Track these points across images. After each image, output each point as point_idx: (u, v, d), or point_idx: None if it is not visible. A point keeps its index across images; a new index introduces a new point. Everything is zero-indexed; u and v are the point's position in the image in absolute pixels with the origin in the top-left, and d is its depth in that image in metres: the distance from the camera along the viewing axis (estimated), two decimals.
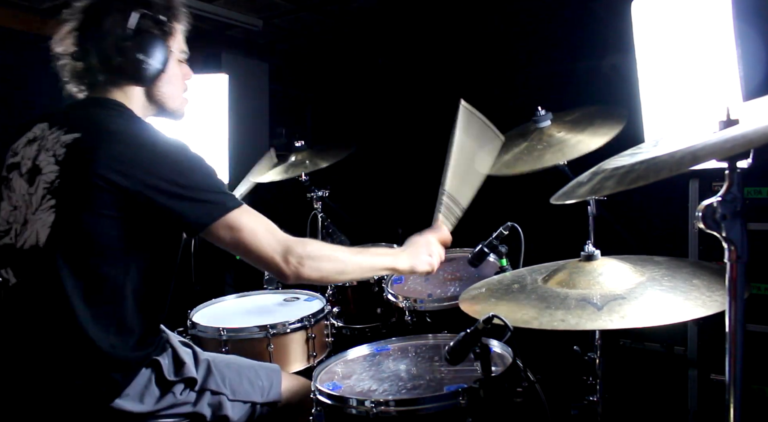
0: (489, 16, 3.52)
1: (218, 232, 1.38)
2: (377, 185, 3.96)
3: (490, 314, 1.23)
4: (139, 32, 1.44)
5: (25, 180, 1.40)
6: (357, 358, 1.78)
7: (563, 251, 1.61)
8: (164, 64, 1.49)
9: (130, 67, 1.45)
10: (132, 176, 1.31)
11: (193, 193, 1.35)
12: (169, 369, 1.49)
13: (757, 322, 2.14)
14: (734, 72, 1.79)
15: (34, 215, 1.36)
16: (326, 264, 1.48)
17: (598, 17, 2.98)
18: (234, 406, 1.60)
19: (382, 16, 3.95)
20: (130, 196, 1.31)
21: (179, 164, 1.36)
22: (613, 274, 1.29)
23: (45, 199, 1.36)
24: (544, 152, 1.96)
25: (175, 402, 1.49)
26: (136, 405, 1.41)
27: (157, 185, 1.31)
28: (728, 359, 0.92)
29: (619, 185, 0.96)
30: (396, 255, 1.63)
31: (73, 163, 1.35)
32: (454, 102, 1.72)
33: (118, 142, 1.34)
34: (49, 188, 1.36)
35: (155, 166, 1.33)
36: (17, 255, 1.37)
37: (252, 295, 2.53)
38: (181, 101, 1.60)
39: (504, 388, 1.42)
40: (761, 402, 2.14)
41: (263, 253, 1.41)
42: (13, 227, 1.39)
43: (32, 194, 1.37)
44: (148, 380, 1.44)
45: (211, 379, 1.57)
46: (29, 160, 1.41)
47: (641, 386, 2.56)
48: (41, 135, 1.43)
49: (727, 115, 0.96)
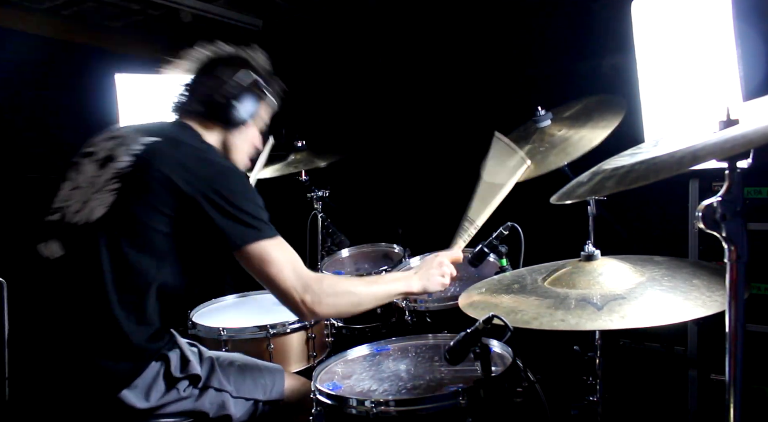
0: (489, 16, 3.52)
1: (248, 256, 1.49)
2: (377, 185, 3.95)
3: (490, 314, 1.23)
4: (240, 86, 1.69)
5: (96, 165, 1.55)
6: (357, 358, 1.78)
7: (563, 251, 1.61)
8: (248, 118, 1.72)
9: (222, 108, 1.67)
10: (192, 183, 1.46)
11: (237, 213, 1.47)
12: (176, 365, 1.54)
13: (757, 322, 2.14)
14: (734, 72, 1.79)
15: (95, 195, 1.50)
16: (342, 300, 1.57)
17: (598, 17, 2.97)
18: (237, 403, 1.62)
19: (382, 16, 3.95)
20: (186, 200, 1.45)
21: (234, 186, 1.50)
22: (613, 274, 1.29)
23: (111, 181, 1.50)
24: (547, 154, 1.96)
25: (178, 397, 1.53)
26: (141, 401, 1.46)
27: (211, 196, 1.46)
28: (728, 359, 0.92)
29: (619, 185, 0.96)
30: (408, 279, 1.69)
31: (146, 158, 1.51)
32: (454, 102, 1.72)
33: (188, 153, 1.53)
34: (118, 174, 1.50)
35: (214, 180, 1.48)
36: (69, 230, 1.50)
37: (252, 295, 2.53)
38: (243, 158, 1.79)
39: (504, 388, 1.43)
40: (761, 402, 2.14)
41: (283, 289, 1.51)
42: (71, 206, 1.52)
43: (99, 177, 1.52)
44: (156, 373, 1.50)
45: (215, 377, 1.61)
46: (105, 151, 1.56)
47: (641, 386, 2.56)
48: (124, 134, 1.59)
49: (727, 115, 0.96)
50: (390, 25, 3.94)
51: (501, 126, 2.10)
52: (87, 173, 1.55)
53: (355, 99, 4.17)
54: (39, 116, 3.70)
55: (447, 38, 3.69)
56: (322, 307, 1.51)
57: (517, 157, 1.79)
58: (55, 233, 1.52)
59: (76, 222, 1.49)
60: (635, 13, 2.11)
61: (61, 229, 1.52)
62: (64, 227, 1.51)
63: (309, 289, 1.50)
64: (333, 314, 1.64)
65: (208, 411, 1.57)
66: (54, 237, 1.52)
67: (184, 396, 1.54)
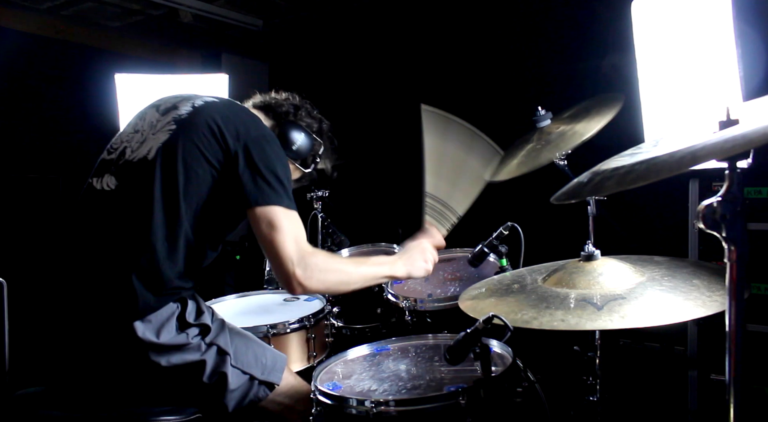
0: (489, 16, 3.52)
1: (259, 217, 1.55)
2: (377, 185, 3.96)
3: (490, 314, 1.23)
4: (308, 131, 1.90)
5: (159, 113, 1.69)
6: (357, 358, 1.78)
7: (563, 251, 1.61)
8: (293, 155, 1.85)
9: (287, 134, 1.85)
10: (237, 137, 1.58)
11: (266, 174, 1.56)
12: (192, 311, 1.60)
13: (757, 322, 2.14)
14: (734, 72, 1.79)
15: (153, 136, 1.62)
16: (331, 276, 1.60)
17: (598, 17, 2.98)
18: (233, 372, 1.62)
19: (382, 17, 3.95)
20: (228, 151, 1.57)
21: (272, 151, 1.61)
22: (613, 274, 1.29)
23: (169, 124, 1.64)
24: (542, 150, 1.96)
25: (186, 342, 1.56)
26: (152, 335, 1.51)
27: (249, 152, 1.57)
28: (728, 359, 0.92)
29: (619, 185, 0.96)
30: (393, 264, 1.74)
31: (203, 109, 1.65)
32: (454, 102, 1.73)
33: (239, 114, 1.68)
34: (177, 119, 1.64)
35: (256, 141, 1.60)
36: (125, 166, 1.62)
37: (252, 295, 2.53)
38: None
39: (504, 388, 1.43)
40: (761, 402, 2.14)
41: (281, 257, 1.53)
42: (128, 146, 1.65)
43: (160, 121, 1.66)
44: (171, 313, 1.55)
45: (222, 337, 1.63)
46: (170, 103, 1.70)
47: (641, 386, 2.56)
48: (191, 95, 1.74)
49: (727, 115, 0.96)
50: (390, 24, 3.94)
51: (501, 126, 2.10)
52: (150, 119, 1.68)
53: (354, 99, 4.17)
54: (39, 116, 3.71)
55: (447, 38, 3.70)
56: (311, 281, 1.55)
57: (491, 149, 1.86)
58: (112, 168, 1.63)
59: (134, 159, 1.61)
60: (635, 13, 2.11)
61: (117, 165, 1.63)
62: (121, 164, 1.62)
63: (303, 262, 1.53)
64: (321, 290, 1.66)
65: (209, 365, 1.58)
66: (109, 172, 1.63)
67: (192, 343, 1.56)
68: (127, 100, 3.24)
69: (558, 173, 1.92)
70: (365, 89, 4.11)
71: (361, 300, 2.51)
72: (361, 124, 4.10)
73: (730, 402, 0.92)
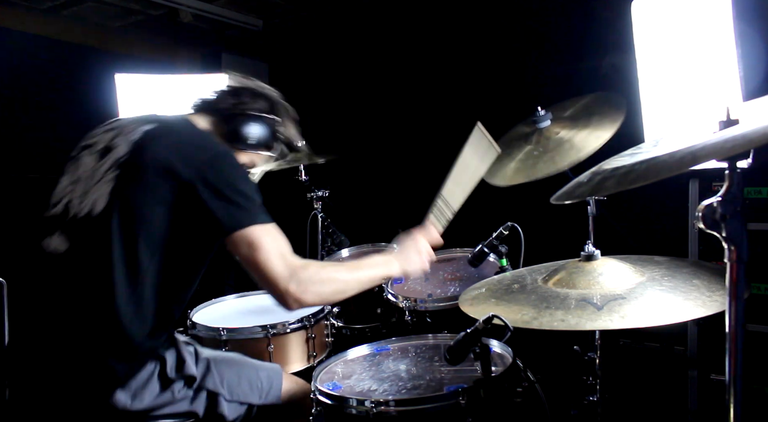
0: (489, 16, 3.52)
1: (238, 241, 1.43)
2: (377, 185, 3.95)
3: (490, 315, 1.23)
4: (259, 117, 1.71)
5: (95, 157, 1.53)
6: (357, 358, 1.78)
7: (563, 251, 1.61)
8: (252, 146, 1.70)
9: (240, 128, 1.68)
10: (189, 166, 1.43)
11: (231, 194, 1.44)
12: (172, 365, 1.52)
13: (757, 322, 2.14)
14: (734, 72, 1.79)
15: (95, 186, 1.48)
16: (327, 288, 1.51)
17: (598, 17, 2.97)
18: (230, 406, 1.60)
19: (382, 16, 3.95)
20: (183, 184, 1.42)
21: (230, 168, 1.49)
22: (613, 274, 1.29)
23: (110, 170, 1.48)
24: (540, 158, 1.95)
25: (172, 399, 1.50)
26: (135, 401, 1.43)
27: (207, 180, 1.43)
28: (728, 359, 0.92)
29: (619, 185, 0.96)
30: (388, 264, 1.67)
31: (143, 144, 1.49)
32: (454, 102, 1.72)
33: (184, 138, 1.53)
34: (117, 162, 1.49)
35: (210, 164, 1.45)
36: (73, 224, 1.47)
37: (252, 295, 2.53)
38: None
39: (504, 388, 1.43)
40: (761, 402, 2.14)
41: (270, 277, 1.44)
42: (71, 199, 1.50)
43: (98, 169, 1.50)
44: (150, 374, 1.47)
45: (210, 378, 1.58)
46: (104, 142, 1.55)
47: (641, 386, 2.56)
48: (123, 125, 1.58)
49: (727, 115, 0.96)
50: (390, 24, 3.94)
51: (501, 126, 2.10)
52: (87, 165, 1.53)
53: (354, 99, 4.17)
54: (39, 116, 3.70)
55: (447, 38, 3.69)
56: (307, 295, 1.45)
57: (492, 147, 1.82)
58: (59, 227, 1.49)
59: (80, 215, 1.46)
60: (635, 13, 2.11)
61: (64, 223, 1.49)
62: (67, 221, 1.48)
63: (294, 278, 1.43)
64: (318, 302, 1.57)
65: (201, 413, 1.56)
66: (57, 231, 1.49)
67: (178, 397, 1.51)
68: (127, 100, 3.24)
69: (558, 173, 1.92)
70: (365, 89, 4.11)
71: (361, 300, 2.51)
72: (360, 123, 4.10)
73: (730, 402, 0.92)
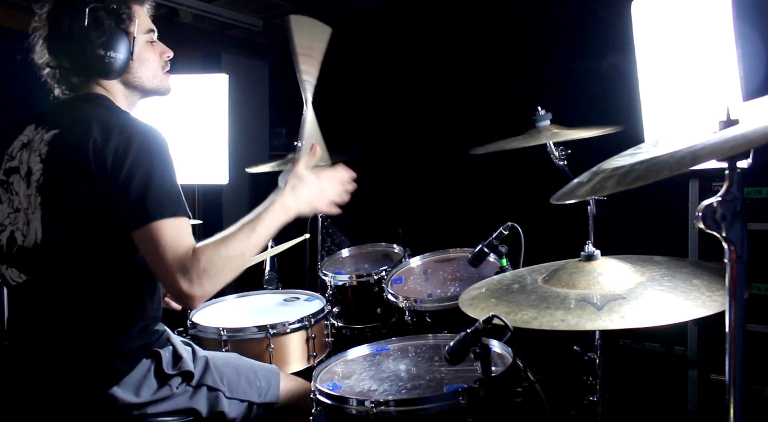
0: (489, 16, 3.52)
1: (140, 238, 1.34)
2: (377, 185, 3.95)
3: (490, 315, 1.23)
4: (94, 27, 1.45)
5: (25, 182, 1.44)
6: (357, 358, 1.78)
7: (563, 251, 1.61)
8: (129, 52, 1.50)
9: (97, 63, 1.47)
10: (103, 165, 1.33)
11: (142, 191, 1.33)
12: (168, 362, 1.52)
13: (757, 322, 2.14)
14: (734, 72, 1.79)
15: (33, 215, 1.41)
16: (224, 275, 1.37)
17: (598, 17, 2.97)
18: (231, 403, 1.60)
19: (382, 16, 3.95)
20: (101, 185, 1.34)
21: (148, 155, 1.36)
22: (613, 274, 1.29)
23: (36, 197, 1.40)
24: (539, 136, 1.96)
25: (171, 394, 1.50)
26: (133, 396, 1.43)
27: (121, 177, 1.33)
28: (728, 359, 0.92)
29: (619, 185, 0.96)
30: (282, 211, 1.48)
31: (53, 159, 1.39)
32: (454, 102, 1.72)
33: (93, 132, 1.35)
34: (37, 187, 1.40)
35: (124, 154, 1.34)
36: (23, 254, 1.42)
37: (252, 295, 2.53)
38: (160, 79, 1.61)
39: (504, 388, 1.42)
40: (761, 402, 2.14)
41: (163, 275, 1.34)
42: (16, 229, 1.43)
43: (30, 196, 1.42)
44: (147, 370, 1.47)
45: (209, 375, 1.59)
46: (25, 163, 1.44)
47: (641, 386, 2.56)
48: (31, 137, 1.46)
49: (727, 115, 0.96)
50: (391, 25, 3.94)
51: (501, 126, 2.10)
52: (22, 192, 1.44)
53: (354, 99, 4.17)
54: None
55: (447, 39, 3.69)
56: (204, 288, 1.33)
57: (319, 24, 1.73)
58: (8, 259, 1.44)
59: (25, 245, 1.41)
60: (635, 13, 2.11)
61: (13, 254, 1.44)
62: (18, 252, 1.43)
63: (186, 274, 1.32)
64: (218, 289, 1.40)
65: (202, 409, 1.56)
66: (6, 263, 1.45)
67: (177, 392, 1.52)
68: None
69: (558, 173, 1.92)
70: (365, 89, 4.11)
71: (361, 300, 2.52)
72: (360, 123, 4.10)
73: (730, 402, 0.92)
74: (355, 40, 4.11)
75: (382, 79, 4.01)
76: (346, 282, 2.52)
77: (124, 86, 1.56)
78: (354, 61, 4.16)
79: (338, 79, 4.24)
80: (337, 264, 2.81)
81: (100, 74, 1.50)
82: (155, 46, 1.60)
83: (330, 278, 2.57)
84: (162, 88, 1.63)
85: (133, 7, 1.53)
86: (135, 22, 1.52)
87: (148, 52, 1.57)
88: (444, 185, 3.51)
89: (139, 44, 1.54)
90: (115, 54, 1.47)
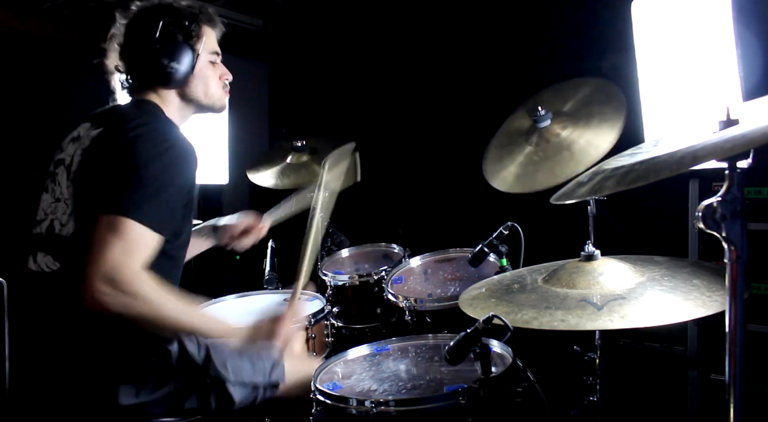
0: (489, 16, 3.52)
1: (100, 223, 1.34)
2: (377, 185, 3.96)
3: (490, 314, 1.23)
4: (164, 39, 1.56)
5: (66, 173, 1.52)
6: (357, 358, 1.78)
7: (563, 251, 1.61)
8: (191, 66, 1.60)
9: (158, 71, 1.57)
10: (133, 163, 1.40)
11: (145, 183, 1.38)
12: (176, 357, 1.54)
13: (757, 322, 2.14)
14: (734, 72, 1.79)
15: (69, 205, 1.48)
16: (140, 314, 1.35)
17: (598, 17, 2.97)
18: (236, 389, 1.61)
19: (382, 16, 3.95)
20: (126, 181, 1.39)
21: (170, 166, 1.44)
22: (613, 274, 1.29)
23: (70, 187, 1.49)
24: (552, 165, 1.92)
25: (178, 388, 1.52)
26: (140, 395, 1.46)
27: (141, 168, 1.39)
28: (728, 359, 0.92)
29: (619, 185, 0.96)
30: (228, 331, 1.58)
31: (91, 152, 1.48)
32: (454, 102, 1.72)
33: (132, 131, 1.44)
34: (72, 177, 1.49)
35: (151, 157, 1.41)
36: (60, 243, 1.47)
37: (252, 295, 2.53)
38: (218, 98, 1.71)
39: (504, 388, 1.42)
40: (761, 402, 2.14)
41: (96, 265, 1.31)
42: (55, 218, 1.49)
43: (68, 187, 1.50)
44: (155, 367, 1.50)
45: (212, 366, 1.60)
46: (70, 156, 1.53)
47: (641, 386, 2.56)
48: (82, 134, 1.55)
49: (727, 115, 0.96)
50: (390, 24, 3.94)
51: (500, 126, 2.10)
52: (63, 183, 1.52)
53: (355, 99, 4.17)
54: (40, 116, 3.70)
55: (447, 38, 3.69)
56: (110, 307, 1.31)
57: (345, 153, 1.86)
58: (44, 246, 1.49)
59: (65, 235, 1.47)
60: (635, 13, 2.11)
61: (50, 242, 1.48)
62: (55, 240, 1.48)
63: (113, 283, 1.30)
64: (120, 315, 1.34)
65: (210, 401, 1.57)
66: (42, 250, 1.49)
67: (184, 387, 1.53)
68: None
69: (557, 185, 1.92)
70: (365, 89, 4.11)
71: (361, 300, 2.52)
72: (360, 123, 4.10)
73: (730, 402, 0.92)
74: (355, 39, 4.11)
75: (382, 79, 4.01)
76: (346, 282, 2.52)
77: (180, 98, 1.65)
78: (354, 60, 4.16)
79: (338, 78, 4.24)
80: (337, 264, 2.81)
81: (158, 82, 1.59)
82: (216, 67, 1.70)
83: (330, 278, 2.57)
84: (217, 106, 1.72)
85: (203, 27, 1.65)
86: (202, 40, 1.63)
87: (208, 70, 1.66)
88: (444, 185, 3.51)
89: (201, 61, 1.64)
90: (177, 65, 1.57)
